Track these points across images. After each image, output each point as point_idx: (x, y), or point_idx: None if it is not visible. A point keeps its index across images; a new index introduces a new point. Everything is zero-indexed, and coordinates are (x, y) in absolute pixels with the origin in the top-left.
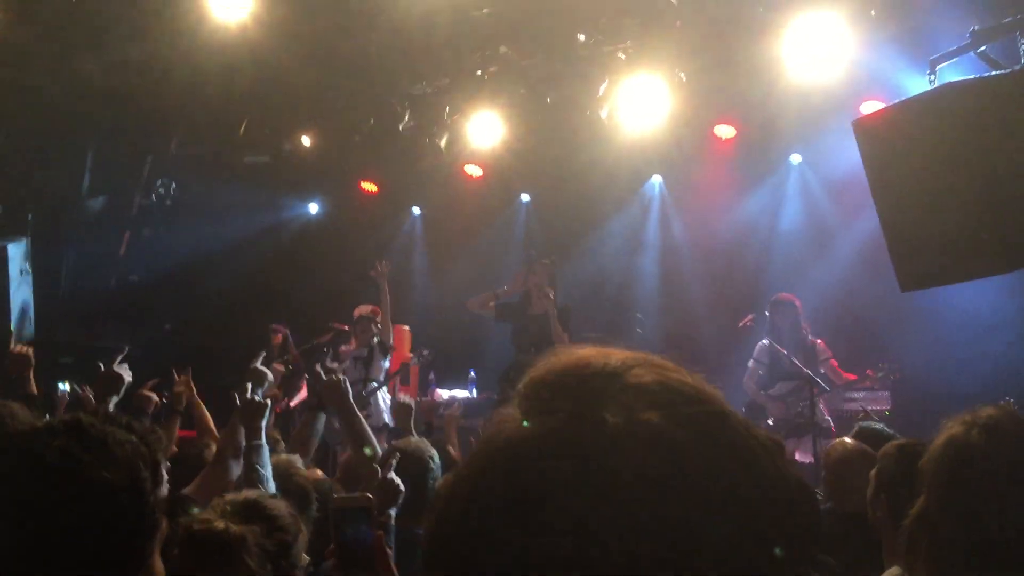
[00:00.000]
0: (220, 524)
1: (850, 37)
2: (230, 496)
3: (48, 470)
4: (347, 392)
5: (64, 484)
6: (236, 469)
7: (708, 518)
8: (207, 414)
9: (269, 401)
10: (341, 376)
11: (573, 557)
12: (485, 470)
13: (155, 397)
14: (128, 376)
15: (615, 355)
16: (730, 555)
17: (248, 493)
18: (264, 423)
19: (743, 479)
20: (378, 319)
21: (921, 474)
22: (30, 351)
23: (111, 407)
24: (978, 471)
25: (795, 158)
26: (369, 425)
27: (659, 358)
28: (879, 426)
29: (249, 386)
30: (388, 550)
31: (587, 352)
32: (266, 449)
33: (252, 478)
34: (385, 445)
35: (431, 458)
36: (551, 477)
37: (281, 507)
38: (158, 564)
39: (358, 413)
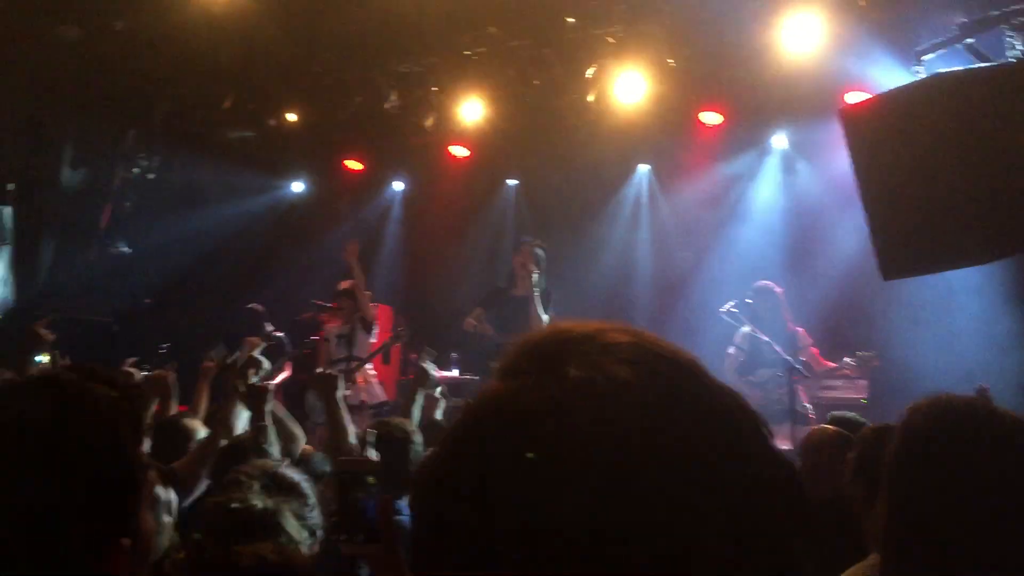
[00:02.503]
0: (257, 502)
1: (838, 26)
2: (247, 469)
3: (23, 428)
4: (339, 387)
5: (40, 442)
6: None
7: (673, 480)
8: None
9: (272, 385)
10: (336, 372)
11: (528, 519)
12: (452, 434)
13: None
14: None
15: (595, 323)
16: (694, 526)
17: (264, 464)
18: (268, 406)
19: (718, 442)
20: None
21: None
22: (48, 333)
23: None
24: (917, 455)
25: (779, 142)
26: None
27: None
28: (851, 414)
29: (250, 372)
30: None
31: (568, 323)
32: (272, 430)
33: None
34: (362, 423)
35: (412, 433)
36: (508, 437)
37: (296, 475)
38: (147, 521)
39: (340, 407)
